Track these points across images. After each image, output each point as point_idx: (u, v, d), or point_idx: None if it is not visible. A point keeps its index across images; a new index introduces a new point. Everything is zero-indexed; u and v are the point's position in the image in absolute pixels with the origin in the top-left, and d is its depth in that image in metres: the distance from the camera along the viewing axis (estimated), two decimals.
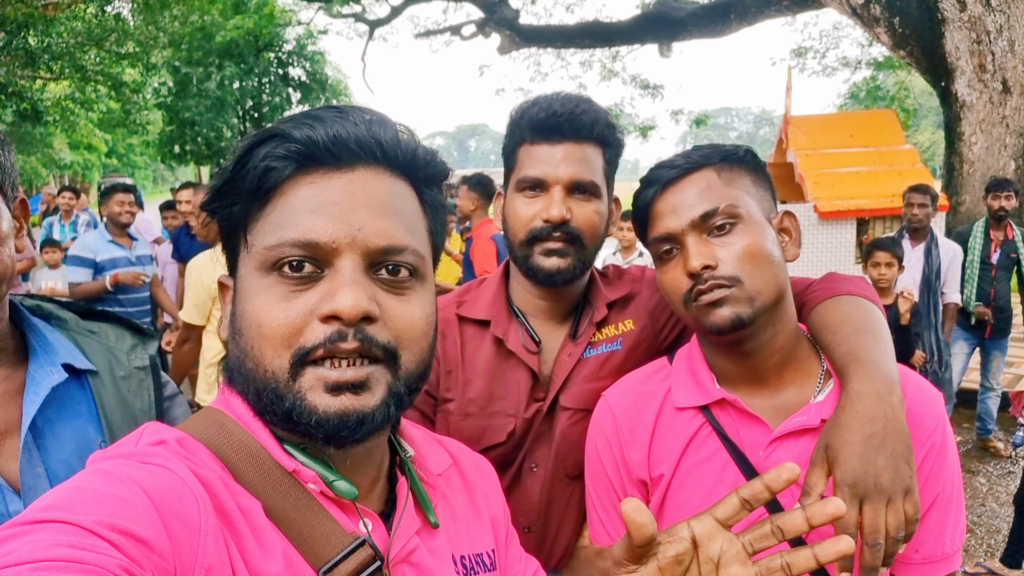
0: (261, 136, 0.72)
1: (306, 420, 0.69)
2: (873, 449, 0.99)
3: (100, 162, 38.50)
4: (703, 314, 1.11)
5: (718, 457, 1.17)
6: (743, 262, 1.10)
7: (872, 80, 20.62)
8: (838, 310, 1.20)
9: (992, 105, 9.64)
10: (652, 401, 1.25)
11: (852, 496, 0.97)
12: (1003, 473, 5.36)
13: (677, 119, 22.07)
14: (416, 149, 0.77)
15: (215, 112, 24.70)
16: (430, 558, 0.80)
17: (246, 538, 0.67)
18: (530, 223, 1.36)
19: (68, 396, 1.09)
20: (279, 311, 0.69)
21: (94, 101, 22.23)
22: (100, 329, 1.20)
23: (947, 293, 5.18)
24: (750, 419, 1.16)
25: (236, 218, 0.74)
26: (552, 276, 1.36)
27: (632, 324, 1.47)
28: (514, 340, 1.43)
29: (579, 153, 1.35)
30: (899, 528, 0.96)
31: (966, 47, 9.57)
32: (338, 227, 0.70)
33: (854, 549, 0.67)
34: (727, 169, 1.17)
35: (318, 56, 27.17)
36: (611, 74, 20.10)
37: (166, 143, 26.18)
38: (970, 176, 9.98)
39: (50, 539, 0.54)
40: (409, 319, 0.74)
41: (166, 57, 21.42)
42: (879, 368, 1.08)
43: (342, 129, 0.72)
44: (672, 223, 1.14)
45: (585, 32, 16.59)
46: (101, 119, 25.32)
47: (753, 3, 13.38)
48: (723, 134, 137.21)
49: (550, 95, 1.39)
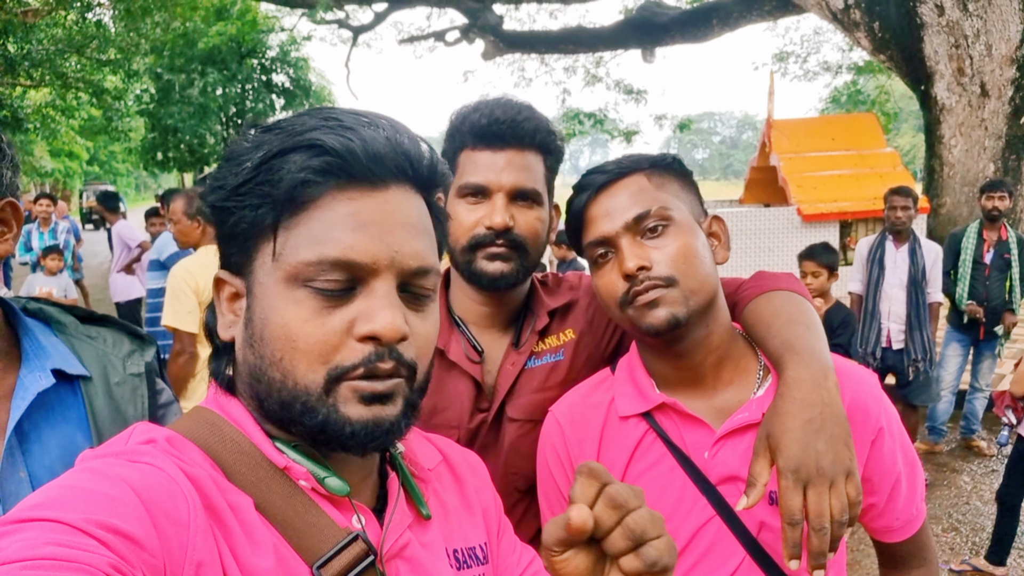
0: (293, 143, 0.70)
1: (340, 431, 0.70)
2: (813, 434, 1.00)
3: (81, 169, 38.14)
4: (639, 316, 1.12)
5: (664, 463, 1.17)
6: (677, 263, 1.11)
7: (853, 84, 20.86)
8: (770, 304, 1.21)
9: (971, 108, 9.77)
10: (597, 412, 1.26)
11: (796, 482, 0.98)
12: (987, 472, 5.42)
13: (661, 124, 22.18)
14: (436, 163, 0.78)
15: (198, 119, 24.57)
16: (423, 552, 0.81)
17: (236, 535, 0.67)
18: (472, 229, 1.35)
19: (58, 401, 1.09)
20: (314, 327, 0.69)
21: (75, 108, 22.05)
22: (98, 334, 1.20)
23: (931, 292, 5.22)
24: (692, 421, 1.17)
25: (258, 221, 0.72)
26: (496, 281, 1.35)
27: (572, 333, 1.47)
28: (455, 350, 1.41)
29: (521, 160, 1.35)
30: (843, 511, 0.97)
31: (945, 51, 9.70)
32: (378, 247, 0.71)
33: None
34: (656, 174, 1.19)
35: (302, 62, 27.10)
36: (595, 79, 20.19)
37: (148, 150, 26.01)
38: (950, 179, 10.10)
39: (39, 537, 0.54)
40: (427, 335, 0.76)
41: (148, 64, 21.28)
42: (813, 355, 1.09)
43: (379, 146, 0.72)
44: (606, 226, 1.15)
45: (569, 38, 16.67)
46: (82, 126, 25.10)
47: (735, 8, 13.49)
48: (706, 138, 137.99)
49: (491, 101, 1.39)
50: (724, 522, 1.11)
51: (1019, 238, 5.47)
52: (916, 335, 5.11)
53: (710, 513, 1.13)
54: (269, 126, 0.74)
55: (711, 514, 1.12)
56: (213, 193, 0.74)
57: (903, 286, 5.18)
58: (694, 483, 1.14)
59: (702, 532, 1.13)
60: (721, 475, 1.13)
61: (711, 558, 1.12)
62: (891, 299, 5.21)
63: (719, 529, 1.12)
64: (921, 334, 5.11)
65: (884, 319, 5.24)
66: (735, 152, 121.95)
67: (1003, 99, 9.56)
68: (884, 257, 5.27)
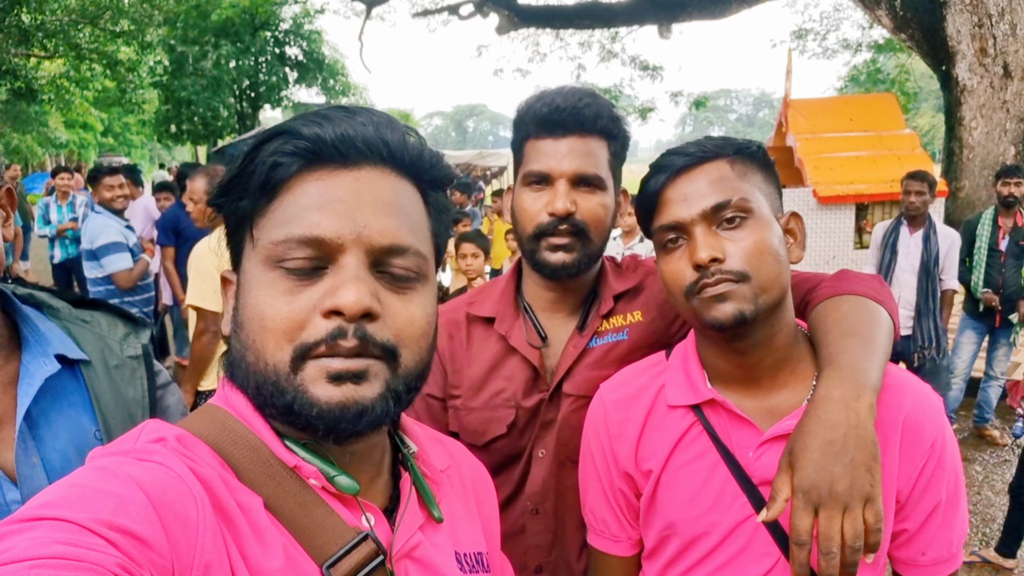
0: (270, 133, 0.73)
1: (307, 412, 0.69)
2: (831, 456, 0.97)
3: (96, 141, 38.24)
4: (705, 308, 1.09)
5: (708, 457, 1.16)
6: (751, 257, 1.07)
7: (872, 63, 20.52)
8: (836, 311, 1.18)
9: (993, 90, 9.59)
10: (644, 396, 1.24)
11: (805, 503, 0.96)
12: (999, 462, 5.38)
13: (676, 101, 21.97)
14: (422, 151, 0.78)
15: (211, 91, 24.58)
16: (433, 553, 0.81)
17: (245, 535, 0.67)
18: (536, 217, 1.37)
19: (62, 386, 1.10)
20: (282, 305, 0.70)
21: (89, 80, 22.07)
22: (92, 318, 1.21)
23: (945, 280, 5.15)
24: (739, 420, 1.15)
25: (242, 213, 0.74)
26: (558, 271, 1.38)
27: (641, 315, 1.48)
28: (517, 336, 1.45)
29: (583, 146, 1.36)
30: (856, 537, 0.94)
31: (967, 30, 9.51)
32: (343, 224, 0.71)
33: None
34: (740, 162, 1.14)
35: (315, 35, 27.00)
36: (610, 55, 19.97)
37: (162, 122, 26.09)
38: (970, 161, 9.94)
39: (47, 536, 0.54)
40: (409, 318, 0.74)
41: (161, 36, 21.27)
42: (853, 373, 1.06)
43: (350, 128, 0.72)
44: (681, 212, 1.11)
45: (584, 12, 16.46)
46: (96, 98, 25.13)
47: None
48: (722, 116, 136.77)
49: (553, 90, 1.40)
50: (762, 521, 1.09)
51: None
52: (924, 322, 5.05)
53: (749, 511, 1.11)
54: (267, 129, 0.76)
55: (750, 512, 1.11)
56: (214, 195, 0.77)
57: (915, 272, 5.12)
58: (736, 480, 1.12)
59: (739, 530, 1.12)
60: (763, 477, 1.11)
61: (746, 556, 1.12)
62: (902, 284, 5.15)
63: (756, 528, 1.11)
64: (930, 321, 5.05)
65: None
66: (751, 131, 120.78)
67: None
68: (897, 242, 5.22)
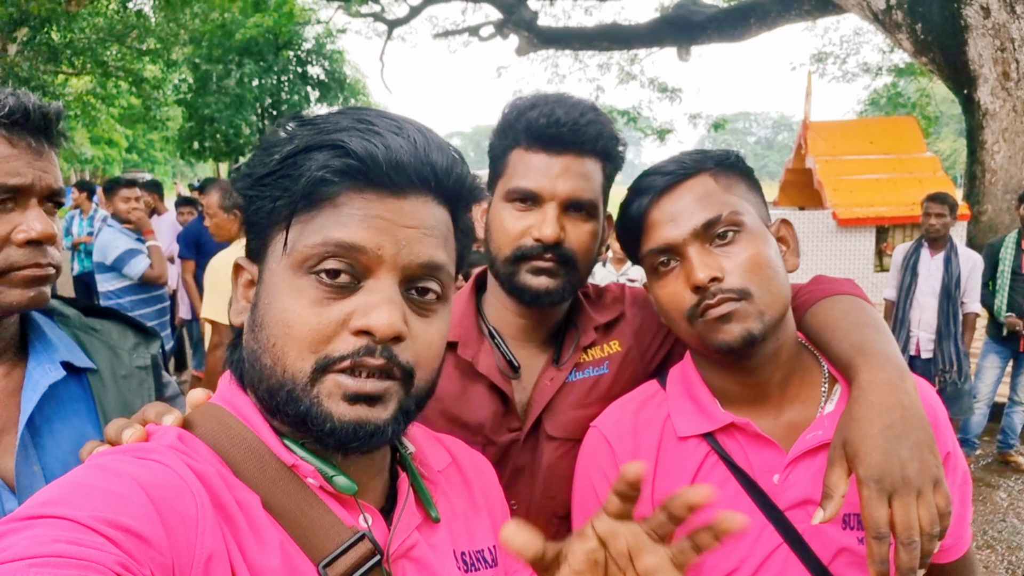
0: (319, 141, 0.71)
1: (319, 425, 0.69)
2: (894, 439, 0.92)
3: (120, 157, 38.80)
4: (710, 331, 1.03)
5: (728, 487, 1.08)
6: (751, 273, 1.03)
7: (893, 87, 20.46)
8: (835, 308, 1.14)
9: (1016, 114, 9.52)
10: (650, 430, 1.16)
11: (879, 492, 0.89)
12: (1021, 489, 5.27)
13: (695, 123, 22.01)
14: (464, 178, 0.78)
15: (234, 109, 24.86)
16: (431, 553, 0.80)
17: (244, 532, 0.67)
18: (518, 239, 1.22)
19: (67, 394, 1.08)
20: (311, 316, 0.69)
21: (115, 96, 22.47)
22: (103, 327, 1.20)
23: (967, 303, 5.09)
24: (760, 443, 1.08)
25: (276, 212, 0.73)
26: (540, 297, 1.23)
27: (618, 345, 1.36)
28: (486, 362, 1.29)
29: (580, 168, 1.21)
30: (933, 523, 0.89)
31: (989, 54, 9.46)
32: (385, 239, 0.70)
33: (738, 525, 0.63)
34: (723, 174, 1.09)
35: (337, 55, 27.27)
36: (629, 77, 20.05)
37: (185, 139, 26.36)
38: (992, 185, 9.86)
39: (47, 535, 0.54)
40: (429, 341, 0.75)
41: (186, 54, 21.59)
42: (888, 358, 1.02)
43: (403, 153, 0.71)
44: (671, 233, 1.06)
45: (603, 34, 16.56)
46: (122, 114, 25.58)
47: (773, 7, 13.28)
48: (741, 139, 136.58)
49: (552, 98, 1.24)
50: (792, 550, 1.04)
51: None
52: (946, 345, 4.99)
53: (777, 541, 1.04)
54: (305, 120, 0.74)
55: (778, 542, 1.04)
56: (242, 180, 0.76)
57: (935, 294, 5.06)
58: (760, 510, 1.05)
59: (769, 561, 1.04)
60: (793, 500, 1.05)
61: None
62: (922, 307, 5.09)
63: (787, 557, 1.04)
64: (952, 344, 4.98)
65: (914, 327, 5.13)
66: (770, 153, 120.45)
67: None
68: (918, 264, 5.17)
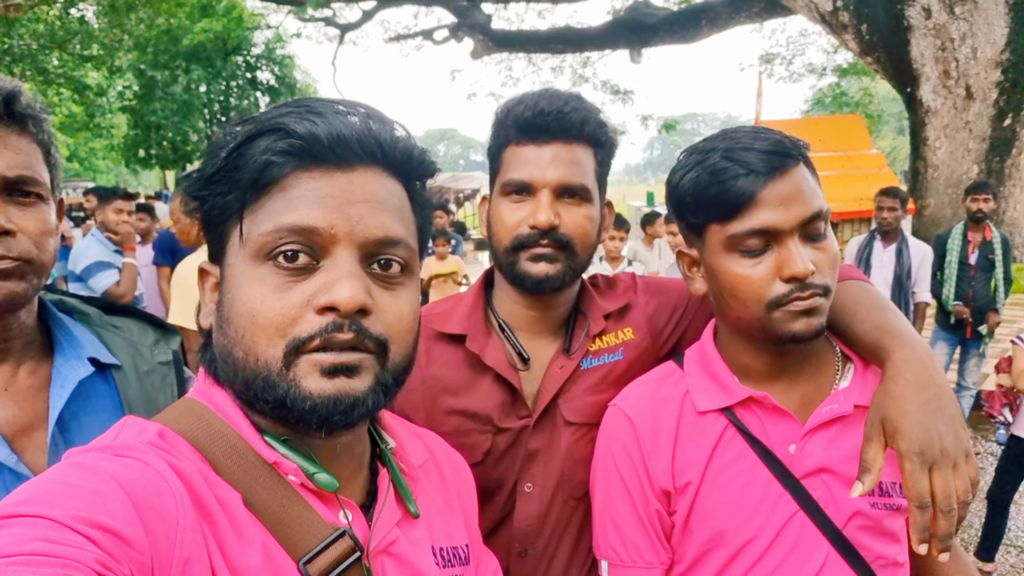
0: (260, 128, 0.71)
1: (300, 406, 0.69)
2: (931, 415, 0.97)
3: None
4: (787, 320, 1.04)
5: (746, 459, 1.12)
6: (832, 271, 1.05)
7: (837, 86, 21.04)
8: (847, 293, 1.18)
9: (956, 111, 9.88)
10: (670, 407, 1.19)
11: (921, 464, 0.95)
12: None
13: (647, 124, 22.32)
14: (412, 150, 0.78)
15: (181, 116, 24.39)
16: (410, 548, 0.81)
17: (224, 531, 0.66)
18: (516, 229, 1.26)
19: (93, 390, 1.09)
20: (274, 301, 0.69)
21: (56, 104, 21.80)
22: (123, 324, 1.20)
23: (917, 293, 5.28)
24: (777, 415, 1.13)
25: (228, 207, 0.73)
26: (540, 283, 1.26)
27: (632, 333, 1.39)
28: (492, 355, 1.31)
29: (568, 154, 1.25)
30: (967, 491, 0.95)
31: (931, 54, 9.80)
32: (337, 217, 0.71)
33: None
34: (810, 167, 1.07)
35: (287, 60, 26.98)
36: (582, 79, 20.25)
37: (131, 147, 25.77)
38: (934, 180, 10.21)
39: (26, 533, 0.54)
40: (399, 313, 0.75)
41: (131, 60, 21.13)
42: (916, 338, 1.07)
43: (344, 128, 0.72)
44: (779, 218, 1.02)
45: (557, 37, 16.70)
46: (63, 123, 24.80)
47: (724, 9, 13.56)
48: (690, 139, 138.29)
49: (537, 92, 1.29)
50: (808, 516, 1.09)
51: (1003, 239, 5.54)
52: None
53: (794, 508, 1.09)
54: (248, 118, 0.75)
55: (795, 509, 1.09)
56: (193, 184, 0.76)
57: (888, 285, 5.23)
58: (777, 479, 1.10)
59: (787, 528, 1.10)
60: (808, 468, 1.10)
61: (797, 554, 1.10)
62: None
63: (803, 524, 1.09)
64: None
65: None
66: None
67: (987, 102, 9.69)
68: (871, 256, 5.34)
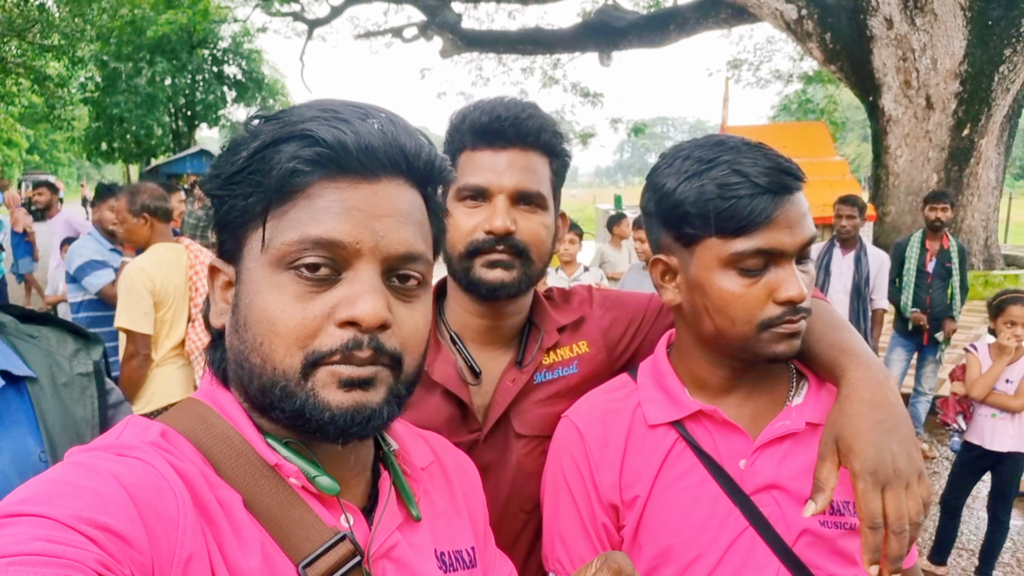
0: (286, 132, 0.71)
1: (319, 417, 0.69)
2: (885, 434, 0.97)
3: (21, 158, 36.87)
4: (774, 342, 1.03)
5: (695, 473, 1.11)
6: (811, 292, 1.06)
7: (803, 93, 21.36)
8: None
9: (916, 120, 10.08)
10: (620, 419, 1.18)
11: (874, 484, 0.95)
12: (928, 475, 5.54)
13: (616, 127, 22.46)
14: (434, 160, 0.77)
15: (145, 109, 23.99)
16: (411, 553, 0.80)
17: (225, 532, 0.66)
18: (471, 235, 1.24)
19: (5, 404, 1.05)
20: (295, 311, 0.69)
21: (15, 95, 21.29)
22: (40, 333, 1.16)
23: (875, 299, 5.37)
24: (728, 430, 1.12)
25: (249, 209, 0.72)
26: (495, 290, 1.24)
27: (587, 346, 1.38)
28: (441, 370, 1.29)
29: (524, 161, 1.25)
30: (919, 512, 0.94)
31: (893, 64, 9.99)
32: (362, 231, 0.70)
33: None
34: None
35: (255, 54, 26.69)
36: (552, 81, 20.31)
37: (92, 140, 25.33)
38: (895, 188, 10.40)
39: (27, 533, 0.53)
40: (414, 326, 0.75)
41: (93, 51, 20.71)
42: (870, 357, 1.07)
43: (371, 137, 0.71)
44: (785, 240, 1.01)
45: (527, 38, 16.71)
46: (22, 114, 24.29)
47: (692, 15, 13.69)
48: (659, 143, 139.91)
49: (493, 99, 1.30)
50: (757, 533, 1.08)
51: (960, 247, 5.66)
52: None
53: (743, 524, 1.08)
54: (269, 116, 0.74)
55: (744, 525, 1.08)
56: (210, 181, 0.75)
57: (847, 292, 5.32)
58: (727, 494, 1.09)
59: (736, 544, 1.08)
60: (758, 484, 1.09)
61: (746, 571, 1.08)
62: (834, 304, 5.25)
63: (753, 540, 1.08)
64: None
65: None
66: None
67: (947, 112, 9.90)
68: (831, 263, 5.42)
